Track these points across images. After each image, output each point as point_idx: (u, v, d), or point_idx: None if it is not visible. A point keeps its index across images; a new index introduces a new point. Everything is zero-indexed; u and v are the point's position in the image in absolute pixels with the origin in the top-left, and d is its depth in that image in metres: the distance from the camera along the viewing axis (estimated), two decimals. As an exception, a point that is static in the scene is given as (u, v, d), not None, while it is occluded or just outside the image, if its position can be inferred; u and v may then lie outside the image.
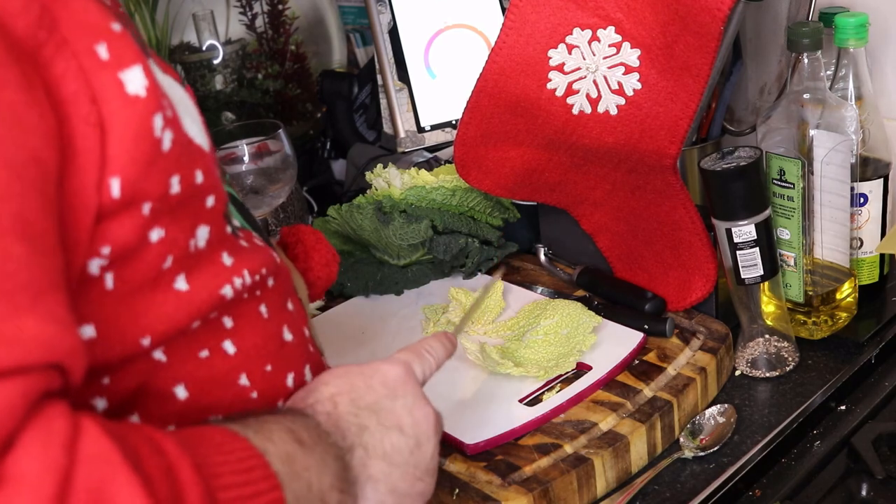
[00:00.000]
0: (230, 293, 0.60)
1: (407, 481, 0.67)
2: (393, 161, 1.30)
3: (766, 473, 0.91)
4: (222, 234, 0.62)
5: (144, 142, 0.52)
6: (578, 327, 1.01)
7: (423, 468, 0.68)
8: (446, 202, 1.19)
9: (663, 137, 0.98)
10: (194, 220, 0.58)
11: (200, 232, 0.59)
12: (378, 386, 0.68)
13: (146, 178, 0.52)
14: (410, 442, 0.67)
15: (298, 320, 0.71)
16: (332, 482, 0.60)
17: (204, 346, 0.60)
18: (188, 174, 0.56)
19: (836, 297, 1.06)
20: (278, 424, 0.59)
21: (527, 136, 1.05)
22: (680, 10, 0.92)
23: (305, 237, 0.84)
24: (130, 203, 0.52)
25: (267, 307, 0.65)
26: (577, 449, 0.88)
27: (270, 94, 1.64)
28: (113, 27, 0.52)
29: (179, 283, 0.57)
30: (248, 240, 0.67)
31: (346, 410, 0.65)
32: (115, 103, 0.51)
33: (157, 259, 0.55)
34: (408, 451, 0.67)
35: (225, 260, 0.61)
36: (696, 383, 0.96)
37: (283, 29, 1.68)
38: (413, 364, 0.72)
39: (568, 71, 1.00)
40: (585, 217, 1.12)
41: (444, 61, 1.35)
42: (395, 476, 0.66)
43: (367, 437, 0.65)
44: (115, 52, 0.51)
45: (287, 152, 1.22)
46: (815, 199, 1.03)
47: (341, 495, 0.61)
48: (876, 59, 1.19)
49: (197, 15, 1.60)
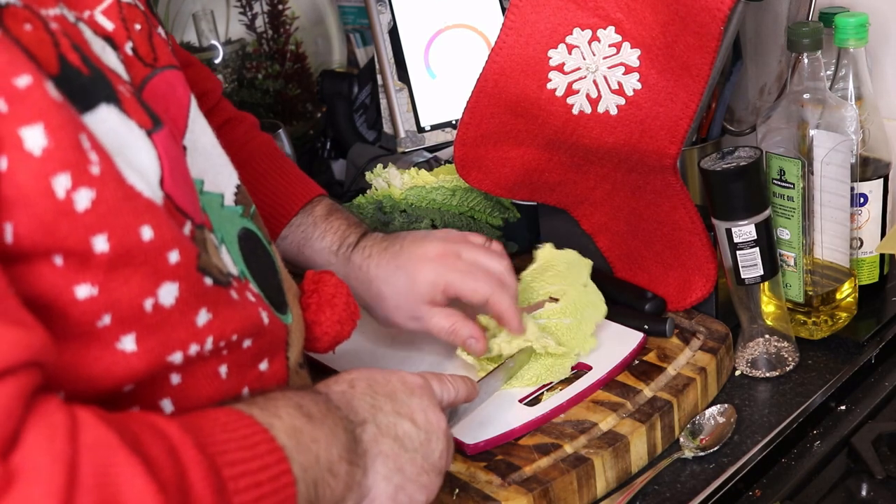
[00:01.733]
0: (179, 360, 0.58)
1: (415, 467, 0.67)
2: (393, 161, 1.30)
3: (766, 473, 0.91)
4: (199, 289, 0.59)
5: (42, 199, 0.50)
6: (582, 321, 0.98)
7: (430, 462, 0.68)
8: (446, 202, 1.19)
9: (663, 137, 0.98)
10: (152, 279, 0.56)
11: (164, 290, 0.56)
12: (397, 382, 0.69)
13: (50, 233, 0.51)
14: (422, 435, 0.68)
15: (270, 380, 0.69)
16: (341, 454, 0.60)
17: (136, 402, 0.58)
18: (125, 232, 0.54)
19: (836, 297, 1.06)
20: (286, 400, 0.60)
21: (527, 136, 1.05)
22: (680, 10, 0.92)
23: (325, 288, 0.81)
24: (35, 254, 0.51)
25: (228, 368, 0.64)
26: (577, 449, 0.88)
27: (270, 94, 1.64)
28: (16, 82, 0.49)
29: (125, 343, 0.55)
30: (240, 292, 0.64)
31: (363, 391, 0.66)
32: (14, 153, 0.49)
33: (87, 316, 0.53)
34: (418, 440, 0.67)
35: (199, 319, 0.59)
36: (696, 383, 0.96)
37: (283, 29, 1.68)
38: (432, 381, 0.73)
39: (568, 71, 1.00)
40: (585, 217, 1.12)
41: (444, 61, 1.35)
42: (403, 458, 0.66)
43: (380, 417, 0.66)
44: (13, 107, 0.49)
45: (287, 152, 1.22)
46: (815, 199, 1.03)
47: (350, 467, 0.61)
48: (876, 59, 1.19)
49: (197, 15, 1.60)
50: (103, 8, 0.63)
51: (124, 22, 0.64)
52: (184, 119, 0.69)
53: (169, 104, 0.67)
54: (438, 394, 0.73)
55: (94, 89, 0.56)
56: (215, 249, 0.64)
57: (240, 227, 0.71)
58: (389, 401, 0.67)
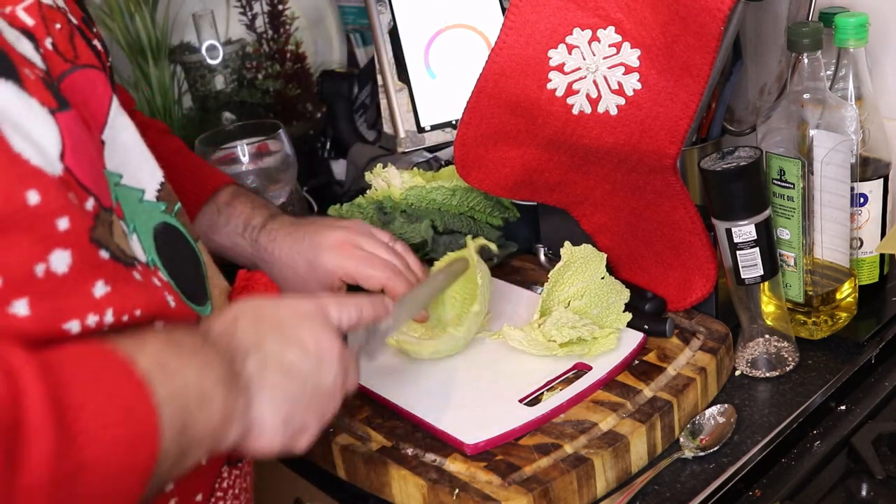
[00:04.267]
0: (77, 328, 0.58)
1: (305, 395, 0.67)
2: (393, 161, 1.30)
3: (766, 473, 0.91)
4: (93, 260, 0.60)
5: None
6: (609, 306, 1.03)
7: (323, 387, 0.68)
8: (446, 202, 1.19)
9: (663, 137, 0.98)
10: (42, 245, 0.56)
11: (56, 257, 0.57)
12: (286, 310, 0.69)
13: None
14: (311, 361, 0.68)
15: None
16: (217, 381, 0.60)
17: None
18: (9, 195, 0.54)
19: (836, 297, 1.06)
20: (157, 335, 0.60)
21: (527, 137, 1.05)
22: (680, 10, 0.92)
23: (255, 286, 0.82)
24: None
25: None
26: (577, 449, 0.88)
27: (270, 94, 1.65)
28: None
29: (17, 307, 0.55)
30: (144, 275, 0.65)
31: (246, 325, 0.66)
32: None
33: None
34: (308, 367, 0.67)
35: (96, 290, 0.59)
36: (696, 383, 0.96)
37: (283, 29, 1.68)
38: (329, 306, 0.72)
39: (568, 71, 1.00)
40: (585, 217, 1.12)
41: (444, 61, 1.35)
42: (292, 388, 0.66)
43: (267, 347, 0.66)
44: None
45: (287, 152, 1.23)
46: (815, 199, 1.03)
47: (228, 395, 0.61)
48: (876, 59, 1.19)
49: (197, 15, 1.60)
50: (24, 6, 0.65)
51: (44, 20, 0.67)
52: (103, 115, 0.71)
53: (88, 98, 0.69)
54: (336, 317, 0.72)
55: None
56: (123, 235, 0.65)
57: (158, 221, 0.72)
58: (276, 331, 0.67)
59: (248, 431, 0.64)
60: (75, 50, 0.69)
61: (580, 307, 1.03)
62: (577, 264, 1.04)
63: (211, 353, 0.61)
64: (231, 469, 0.76)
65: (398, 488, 0.88)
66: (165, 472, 0.57)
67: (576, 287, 1.04)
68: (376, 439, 0.92)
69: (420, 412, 0.93)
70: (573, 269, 1.04)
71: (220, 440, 0.61)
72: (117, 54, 1.53)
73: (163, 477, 0.57)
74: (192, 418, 0.57)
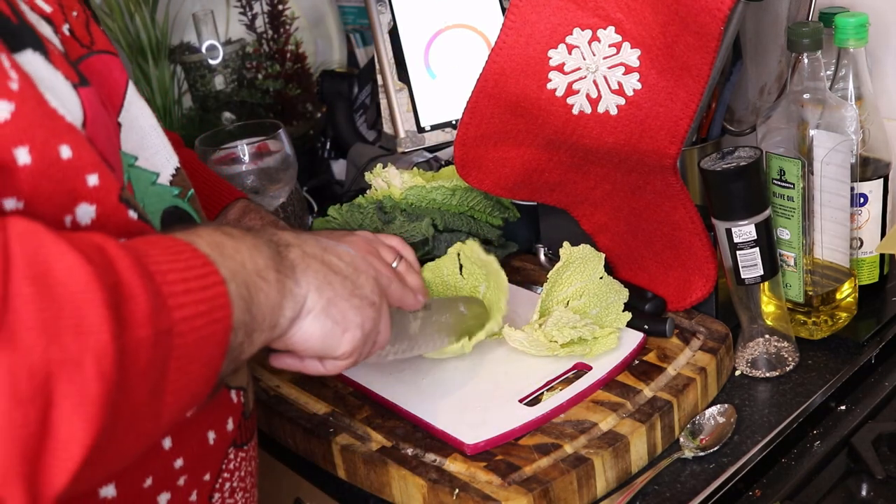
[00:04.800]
0: None
1: (346, 289, 0.70)
2: (393, 161, 1.30)
3: (766, 473, 0.91)
4: (120, 219, 0.62)
5: None
6: (608, 306, 1.03)
7: (360, 293, 0.71)
8: (446, 202, 1.19)
9: (663, 137, 0.98)
10: (70, 197, 0.58)
11: (81, 210, 0.59)
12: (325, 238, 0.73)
13: None
14: (349, 266, 0.71)
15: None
16: (267, 263, 0.63)
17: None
18: (45, 147, 0.56)
19: (836, 297, 1.06)
20: (208, 227, 0.63)
21: (527, 137, 1.05)
22: (680, 10, 0.92)
23: None
24: None
25: None
26: (577, 449, 0.88)
27: (270, 94, 1.65)
28: None
29: None
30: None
31: (287, 236, 0.69)
32: None
33: None
34: (346, 269, 0.71)
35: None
36: (696, 383, 0.96)
37: (283, 29, 1.68)
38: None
39: (568, 71, 1.00)
40: (585, 217, 1.12)
41: (444, 61, 1.35)
42: (333, 278, 0.69)
43: (306, 246, 0.69)
44: None
45: (287, 152, 1.22)
46: (815, 199, 1.03)
47: (279, 275, 0.64)
48: (876, 59, 1.19)
49: (197, 15, 1.60)
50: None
51: (62, 7, 0.68)
52: (119, 98, 0.72)
53: (104, 81, 0.70)
54: (385, 283, 0.76)
55: (22, 35, 0.59)
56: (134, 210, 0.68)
57: (169, 205, 0.74)
58: (315, 239, 0.71)
59: (298, 311, 0.66)
60: (91, 36, 0.71)
61: (579, 307, 1.03)
62: (576, 264, 1.04)
63: (257, 238, 0.64)
64: (237, 451, 0.77)
65: (398, 488, 0.88)
66: (237, 346, 0.59)
67: (574, 287, 1.04)
68: (376, 439, 0.92)
69: (420, 412, 0.93)
70: (571, 269, 1.04)
71: (277, 319, 0.64)
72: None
73: (235, 353, 0.60)
74: (253, 294, 0.60)
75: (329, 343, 0.69)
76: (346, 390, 1.00)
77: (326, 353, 0.70)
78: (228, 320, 0.57)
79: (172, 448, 0.69)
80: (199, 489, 0.73)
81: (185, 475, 0.70)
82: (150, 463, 0.67)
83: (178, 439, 0.69)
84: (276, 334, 0.65)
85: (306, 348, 0.68)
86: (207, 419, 0.73)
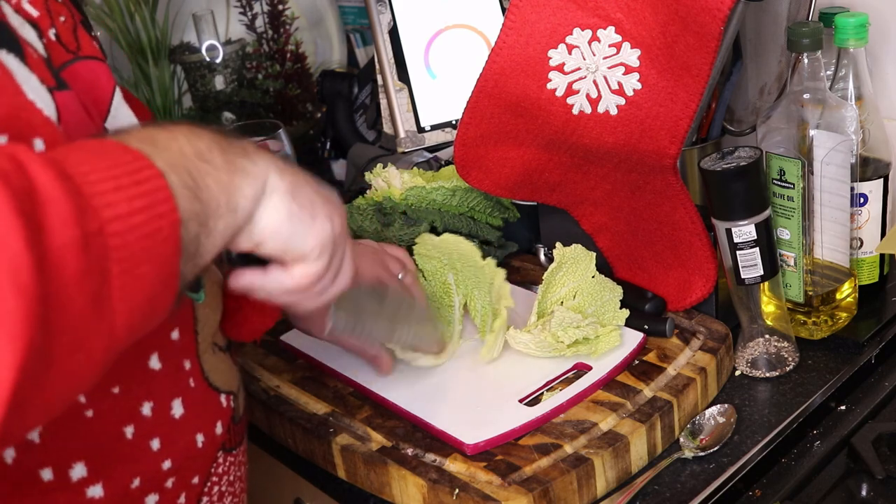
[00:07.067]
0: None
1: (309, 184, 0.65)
2: (393, 161, 1.30)
3: (766, 473, 0.91)
4: None
5: None
6: (604, 304, 1.03)
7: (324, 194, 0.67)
8: (446, 202, 1.19)
9: (663, 137, 0.98)
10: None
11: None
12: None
13: None
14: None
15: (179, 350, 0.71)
16: (210, 145, 0.59)
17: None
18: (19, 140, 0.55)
19: (836, 297, 1.06)
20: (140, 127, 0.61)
21: (527, 137, 1.05)
22: (680, 10, 0.92)
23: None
24: None
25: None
26: (577, 449, 0.88)
27: (270, 94, 1.65)
28: None
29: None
30: None
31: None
32: None
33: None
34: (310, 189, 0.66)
35: None
36: (696, 383, 0.96)
37: (283, 29, 1.68)
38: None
39: (568, 71, 1.00)
40: (585, 217, 1.12)
41: (444, 61, 1.35)
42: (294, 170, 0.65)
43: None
44: None
45: (287, 152, 1.22)
46: (815, 199, 1.03)
47: (225, 154, 0.59)
48: (876, 59, 1.19)
49: (197, 15, 1.60)
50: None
51: (49, 12, 0.67)
52: (105, 104, 0.71)
53: (90, 87, 0.69)
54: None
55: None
56: None
57: None
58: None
59: (262, 191, 0.61)
60: (78, 41, 0.70)
61: (574, 306, 1.02)
62: (568, 265, 1.04)
63: (197, 128, 0.60)
64: (226, 455, 0.77)
65: (398, 488, 0.88)
66: (193, 240, 0.56)
67: (567, 287, 1.04)
68: (376, 439, 0.92)
69: (420, 412, 0.93)
70: (564, 270, 1.04)
71: (237, 200, 0.59)
72: (117, 54, 1.53)
73: (192, 247, 0.56)
74: (198, 179, 0.56)
75: (297, 230, 0.63)
76: (346, 390, 1.00)
77: (294, 244, 0.64)
78: (174, 214, 0.53)
79: (160, 449, 0.68)
80: (188, 492, 0.72)
81: (174, 477, 0.70)
82: (138, 463, 0.67)
83: (165, 441, 0.69)
84: (239, 218, 0.60)
85: (274, 236, 0.63)
86: (196, 422, 0.72)
